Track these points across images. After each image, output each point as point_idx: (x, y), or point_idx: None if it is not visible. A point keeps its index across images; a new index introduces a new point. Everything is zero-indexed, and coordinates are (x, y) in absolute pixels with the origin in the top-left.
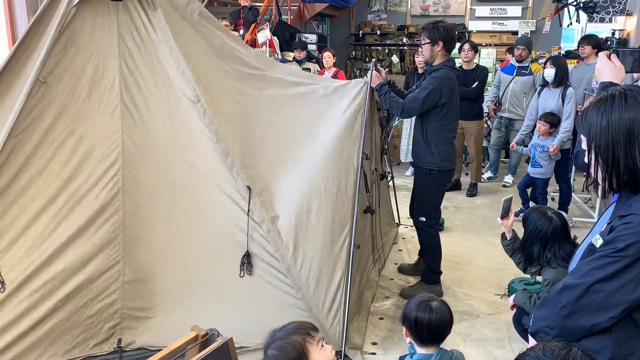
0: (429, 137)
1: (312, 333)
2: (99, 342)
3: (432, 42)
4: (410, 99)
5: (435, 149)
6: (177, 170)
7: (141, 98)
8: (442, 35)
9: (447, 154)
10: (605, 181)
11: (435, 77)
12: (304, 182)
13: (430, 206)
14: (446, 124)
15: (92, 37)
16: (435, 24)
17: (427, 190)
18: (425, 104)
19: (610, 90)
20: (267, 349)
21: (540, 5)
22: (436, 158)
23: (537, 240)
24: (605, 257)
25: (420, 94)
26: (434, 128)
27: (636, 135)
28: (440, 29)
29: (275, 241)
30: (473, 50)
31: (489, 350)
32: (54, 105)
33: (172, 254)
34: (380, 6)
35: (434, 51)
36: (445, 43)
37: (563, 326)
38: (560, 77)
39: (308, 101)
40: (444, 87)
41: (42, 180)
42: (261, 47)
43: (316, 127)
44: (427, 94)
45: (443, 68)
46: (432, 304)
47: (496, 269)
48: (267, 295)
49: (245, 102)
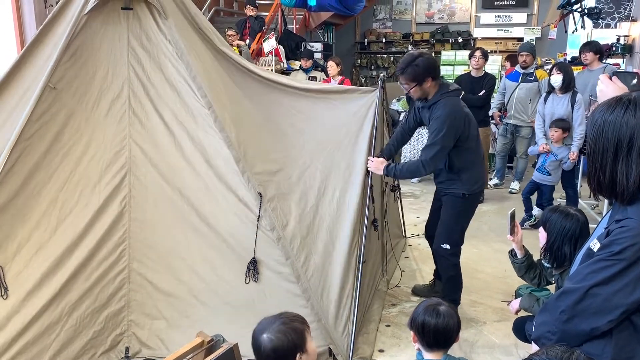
0: (456, 167)
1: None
2: (106, 350)
3: (418, 83)
4: (425, 153)
5: (464, 175)
6: (184, 177)
7: (149, 104)
8: (425, 70)
9: (478, 176)
10: (594, 183)
11: (439, 118)
12: (313, 192)
13: (457, 232)
14: (470, 145)
15: (102, 44)
16: (410, 63)
17: (456, 217)
18: (445, 147)
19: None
20: (260, 334)
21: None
22: (466, 184)
23: (567, 240)
24: (602, 260)
25: (434, 145)
26: (458, 156)
27: (624, 147)
28: (421, 65)
29: (286, 249)
30: (484, 58)
31: (496, 357)
32: (63, 111)
33: (179, 261)
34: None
35: (424, 89)
36: (433, 77)
37: (564, 331)
38: (568, 83)
39: (318, 111)
40: (454, 122)
41: (50, 185)
42: (267, 56)
43: (326, 138)
44: (443, 139)
45: (441, 99)
46: (439, 308)
47: (503, 275)
48: (275, 304)
49: (255, 110)
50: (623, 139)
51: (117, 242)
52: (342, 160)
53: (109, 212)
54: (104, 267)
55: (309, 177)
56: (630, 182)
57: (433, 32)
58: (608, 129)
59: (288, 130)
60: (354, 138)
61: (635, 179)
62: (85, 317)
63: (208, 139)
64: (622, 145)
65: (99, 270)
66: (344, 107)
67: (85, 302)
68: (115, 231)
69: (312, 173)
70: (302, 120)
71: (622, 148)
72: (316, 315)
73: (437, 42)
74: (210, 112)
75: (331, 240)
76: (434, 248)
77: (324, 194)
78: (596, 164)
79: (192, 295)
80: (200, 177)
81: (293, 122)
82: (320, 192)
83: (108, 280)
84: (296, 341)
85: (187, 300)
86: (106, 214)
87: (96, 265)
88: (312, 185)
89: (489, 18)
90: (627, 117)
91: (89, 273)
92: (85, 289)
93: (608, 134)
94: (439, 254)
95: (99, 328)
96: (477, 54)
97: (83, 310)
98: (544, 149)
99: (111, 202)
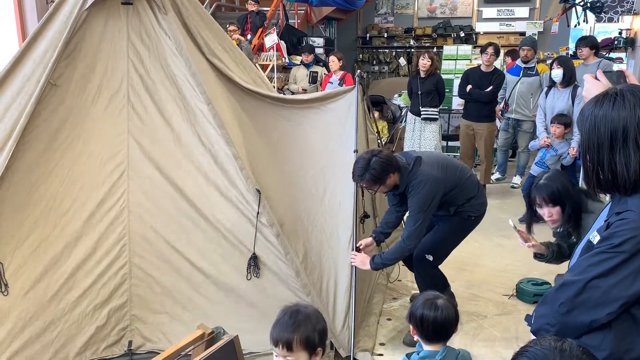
0: (462, 202)
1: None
2: (109, 345)
3: (381, 183)
4: (406, 230)
5: (461, 208)
6: (183, 172)
7: (148, 99)
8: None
9: (482, 198)
10: (592, 180)
11: (419, 194)
12: (306, 191)
13: (445, 248)
14: (458, 192)
15: (102, 39)
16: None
17: (452, 234)
18: (427, 218)
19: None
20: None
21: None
22: (474, 208)
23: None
24: (602, 253)
25: (414, 221)
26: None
27: (619, 139)
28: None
29: (285, 245)
30: (496, 55)
31: (497, 350)
32: (63, 107)
33: (179, 256)
34: (387, 9)
35: (389, 184)
36: (393, 172)
37: (563, 323)
38: (569, 77)
39: (303, 116)
40: (435, 191)
41: (50, 181)
42: (268, 51)
43: (313, 140)
44: (425, 212)
45: (410, 181)
46: (437, 301)
47: (504, 269)
48: (275, 299)
49: (252, 109)
50: (617, 131)
51: (118, 238)
52: (330, 160)
53: (109, 207)
54: (105, 262)
55: (301, 179)
56: (630, 171)
57: (435, 26)
58: (600, 123)
59: (276, 137)
60: (339, 137)
61: (636, 168)
62: (87, 312)
63: (207, 135)
64: (617, 137)
65: (101, 266)
66: (327, 110)
67: (87, 298)
68: (115, 226)
69: (303, 175)
70: (290, 128)
71: (617, 140)
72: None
73: (439, 37)
74: (209, 108)
75: (328, 236)
76: (415, 254)
77: (317, 192)
78: (593, 160)
79: (193, 289)
80: (199, 173)
81: (281, 129)
82: (313, 191)
83: (110, 275)
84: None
85: (188, 294)
86: (106, 209)
87: (97, 261)
88: (304, 186)
89: (491, 12)
90: (617, 109)
91: (90, 269)
92: (87, 285)
93: (601, 128)
94: (419, 262)
95: (102, 323)
96: (489, 51)
97: (85, 305)
98: (545, 142)
99: (111, 197)
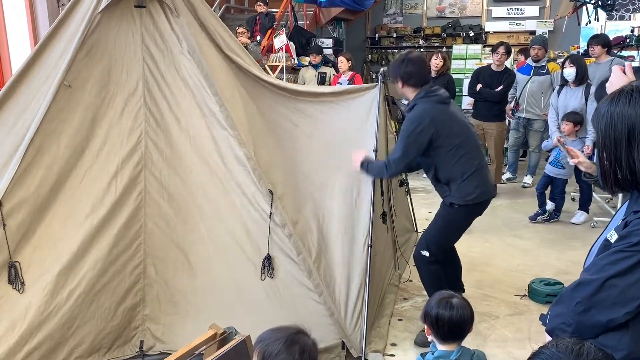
0: (445, 177)
1: None
2: (120, 345)
3: (393, 79)
4: (391, 154)
5: (453, 185)
6: (198, 173)
7: (164, 102)
8: (394, 69)
9: (472, 186)
10: (609, 178)
11: (408, 120)
12: (322, 189)
13: (439, 242)
14: (461, 155)
15: (116, 42)
16: (396, 60)
17: (442, 226)
18: (408, 152)
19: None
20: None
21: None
22: (455, 194)
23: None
24: (620, 252)
25: (397, 149)
26: (446, 164)
27: (636, 135)
28: (395, 67)
29: (297, 245)
30: (507, 55)
31: (509, 350)
32: (79, 109)
33: (193, 257)
34: (395, 9)
35: (399, 89)
36: (404, 80)
37: (579, 322)
38: (581, 75)
39: (323, 112)
40: (424, 126)
41: (68, 182)
42: (278, 53)
43: (332, 138)
44: (406, 143)
45: (417, 104)
46: (452, 300)
47: (516, 269)
48: (289, 300)
49: (264, 109)
50: (634, 127)
51: (133, 237)
52: (348, 157)
53: (125, 207)
54: (121, 262)
55: (318, 177)
56: None
57: (444, 26)
58: (617, 120)
59: (294, 133)
60: (360, 135)
61: None
62: (103, 311)
63: (220, 137)
64: (635, 133)
65: (116, 264)
66: (348, 106)
67: (103, 297)
68: (131, 226)
69: (321, 172)
70: (308, 124)
71: (634, 136)
72: (329, 310)
73: (448, 37)
74: (221, 110)
75: (343, 235)
76: (414, 255)
77: (333, 191)
78: (610, 157)
79: (206, 290)
80: (213, 174)
81: (299, 124)
82: (329, 190)
83: (124, 275)
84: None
85: (201, 295)
86: (122, 209)
87: (113, 260)
88: (320, 184)
89: (501, 11)
90: (633, 106)
91: (106, 267)
92: (103, 284)
93: (617, 125)
94: (418, 260)
95: (116, 322)
96: (501, 50)
97: (101, 304)
98: (559, 140)
99: (127, 198)
